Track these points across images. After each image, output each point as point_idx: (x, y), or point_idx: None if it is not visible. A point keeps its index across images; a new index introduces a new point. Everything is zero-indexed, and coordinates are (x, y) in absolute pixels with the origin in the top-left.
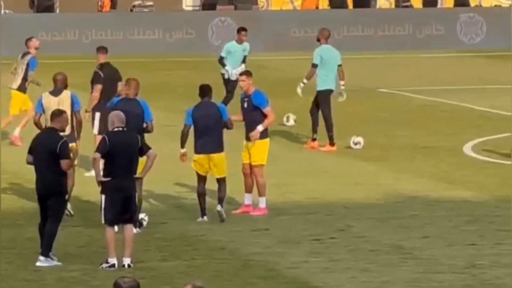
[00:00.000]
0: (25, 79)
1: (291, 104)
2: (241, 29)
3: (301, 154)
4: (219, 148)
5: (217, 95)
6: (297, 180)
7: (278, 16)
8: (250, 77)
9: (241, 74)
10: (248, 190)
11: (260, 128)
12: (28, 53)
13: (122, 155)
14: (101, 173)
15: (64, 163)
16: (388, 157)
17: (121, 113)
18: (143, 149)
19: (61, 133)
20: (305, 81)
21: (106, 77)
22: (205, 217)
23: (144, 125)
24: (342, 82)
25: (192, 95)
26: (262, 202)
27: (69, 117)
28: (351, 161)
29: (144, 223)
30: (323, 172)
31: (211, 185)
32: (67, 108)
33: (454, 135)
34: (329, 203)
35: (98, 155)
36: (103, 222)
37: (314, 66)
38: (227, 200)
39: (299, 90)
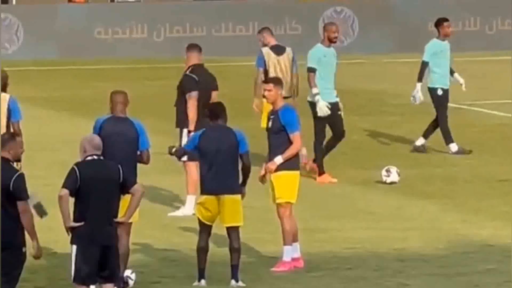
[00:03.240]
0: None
1: None
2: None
3: (335, 189)
4: (233, 187)
5: None
6: (332, 224)
7: (411, 2)
8: (279, 86)
9: (266, 82)
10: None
11: (278, 160)
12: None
13: (98, 193)
14: (71, 216)
15: (21, 205)
16: (453, 193)
17: (96, 137)
18: (127, 184)
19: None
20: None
21: (202, 83)
22: (202, 281)
23: (138, 153)
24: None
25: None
26: (287, 254)
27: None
28: (403, 198)
29: (131, 282)
30: (365, 213)
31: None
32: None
33: None
34: (376, 254)
35: (65, 192)
36: (73, 281)
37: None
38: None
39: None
